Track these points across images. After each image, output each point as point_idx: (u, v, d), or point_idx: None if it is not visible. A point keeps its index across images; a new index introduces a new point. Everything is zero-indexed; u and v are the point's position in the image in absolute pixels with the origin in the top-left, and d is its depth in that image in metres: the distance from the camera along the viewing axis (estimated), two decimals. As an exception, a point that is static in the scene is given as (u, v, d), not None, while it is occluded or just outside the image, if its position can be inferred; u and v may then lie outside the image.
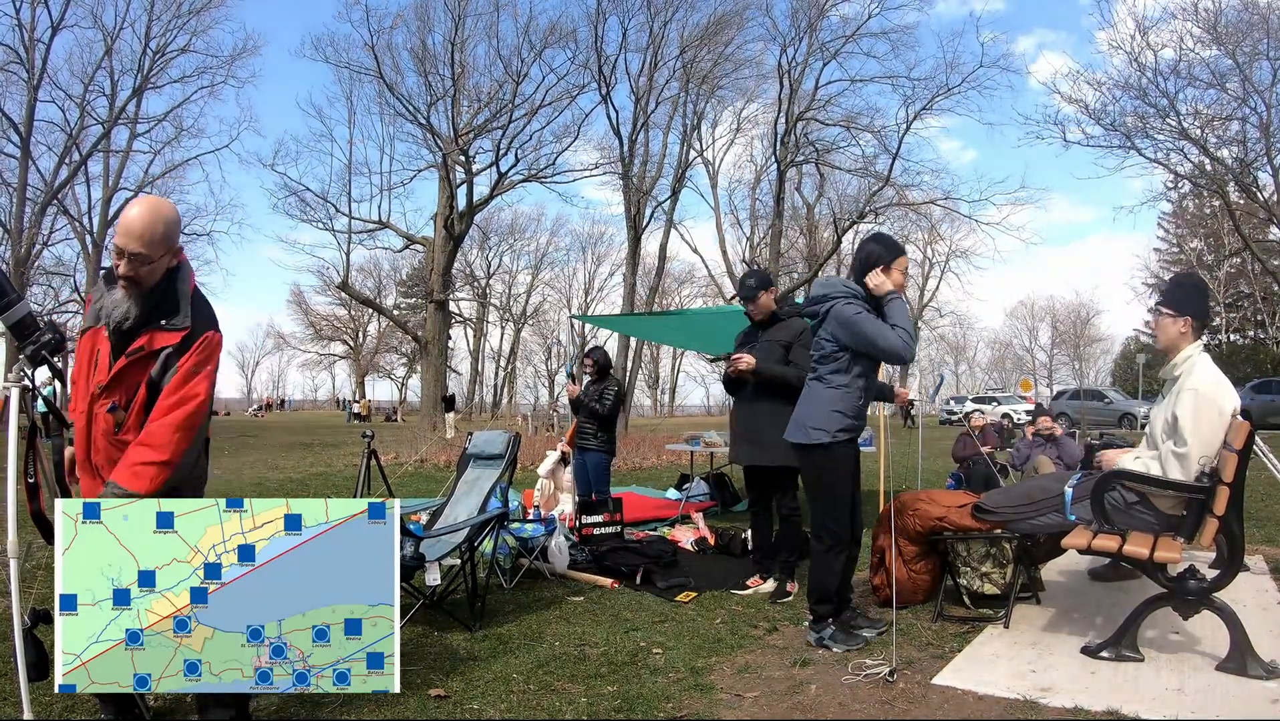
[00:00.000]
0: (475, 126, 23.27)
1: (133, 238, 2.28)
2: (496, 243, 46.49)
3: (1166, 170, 21.27)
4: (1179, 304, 3.43)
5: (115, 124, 26.10)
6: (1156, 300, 3.60)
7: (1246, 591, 4.02)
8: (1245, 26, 18.76)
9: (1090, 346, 54.62)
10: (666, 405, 57.80)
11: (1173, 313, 3.42)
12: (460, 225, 23.50)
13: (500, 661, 3.28)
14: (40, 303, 30.60)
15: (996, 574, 3.83)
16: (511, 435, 4.63)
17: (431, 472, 11.64)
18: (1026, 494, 3.84)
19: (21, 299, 2.26)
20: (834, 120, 25.23)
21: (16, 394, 2.21)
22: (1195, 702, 2.72)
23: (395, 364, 56.13)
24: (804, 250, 32.00)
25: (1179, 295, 3.51)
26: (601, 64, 23.81)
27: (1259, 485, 7.49)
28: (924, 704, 2.79)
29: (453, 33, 22.56)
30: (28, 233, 24.63)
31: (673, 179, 27.20)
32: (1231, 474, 3.05)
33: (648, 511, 7.05)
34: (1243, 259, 33.64)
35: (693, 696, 2.90)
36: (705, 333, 8.10)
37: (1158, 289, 36.94)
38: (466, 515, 4.21)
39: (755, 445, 4.37)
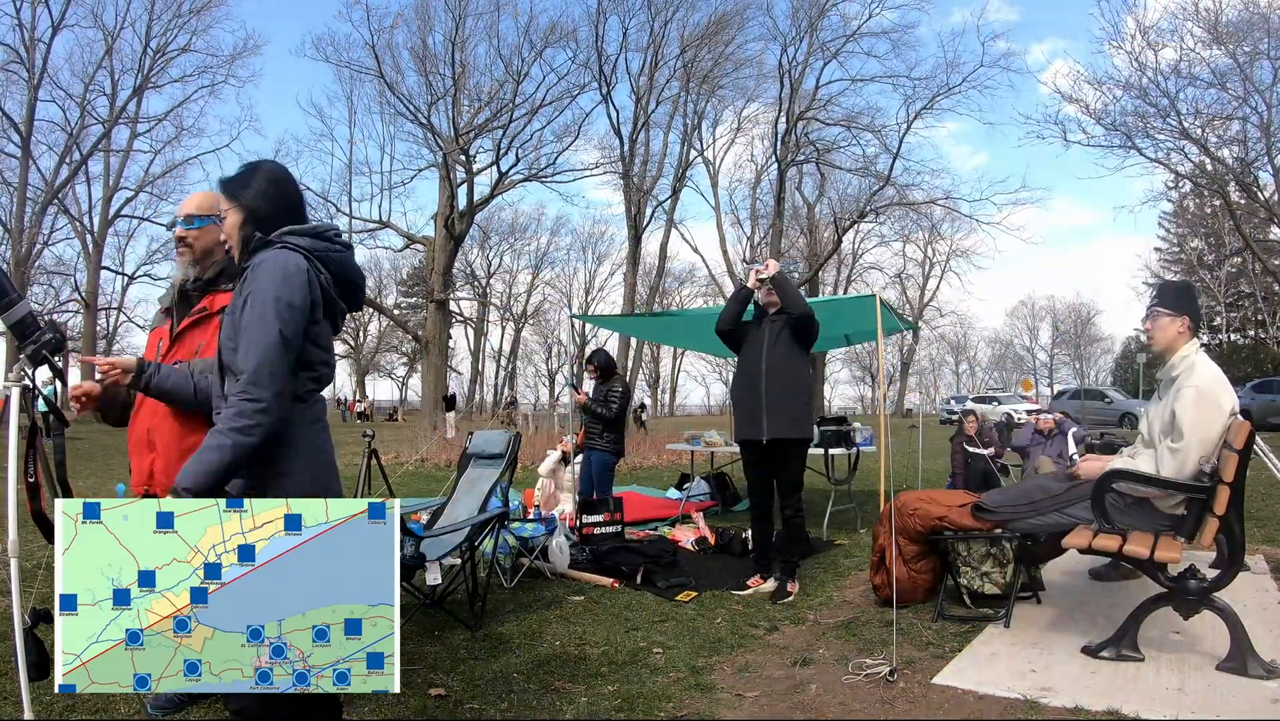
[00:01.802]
0: (476, 126, 23.28)
1: (190, 204, 2.60)
2: (497, 242, 46.59)
3: (1167, 170, 21.29)
4: (1177, 304, 3.46)
5: (116, 123, 26.14)
6: (1151, 302, 3.62)
7: (1247, 591, 4.02)
8: (1246, 26, 18.76)
9: (1091, 346, 54.69)
10: (667, 405, 57.81)
11: (1171, 312, 3.43)
12: (461, 225, 23.50)
13: (500, 661, 3.28)
14: (40, 302, 30.60)
15: (997, 573, 3.83)
16: (512, 435, 4.63)
17: (432, 472, 11.65)
18: (1026, 494, 3.84)
19: (22, 298, 2.26)
20: (834, 120, 25.25)
21: (17, 394, 2.21)
22: (1195, 702, 2.71)
23: (396, 363, 56.21)
24: (804, 250, 31.99)
25: (1175, 296, 3.54)
26: (602, 63, 23.83)
27: (1259, 485, 7.49)
28: (924, 703, 2.79)
29: (453, 32, 22.58)
30: (28, 232, 24.65)
31: (673, 178, 27.22)
32: (1232, 473, 3.05)
33: (648, 511, 7.06)
34: (1243, 259, 33.62)
35: (693, 696, 2.91)
36: (706, 333, 8.09)
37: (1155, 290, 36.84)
38: (467, 514, 4.21)
39: (780, 417, 4.33)
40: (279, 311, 1.84)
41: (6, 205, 25.84)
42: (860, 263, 40.84)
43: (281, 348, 1.83)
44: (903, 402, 48.27)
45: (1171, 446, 3.23)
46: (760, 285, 4.50)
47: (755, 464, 4.57)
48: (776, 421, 4.34)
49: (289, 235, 1.98)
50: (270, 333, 1.83)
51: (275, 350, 1.82)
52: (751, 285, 4.54)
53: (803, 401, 4.47)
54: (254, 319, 1.84)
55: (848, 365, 53.13)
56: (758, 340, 4.52)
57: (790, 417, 4.35)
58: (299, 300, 1.88)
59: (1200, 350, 3.40)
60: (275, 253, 1.93)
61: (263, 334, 1.83)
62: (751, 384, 4.46)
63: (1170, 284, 4.11)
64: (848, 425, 6.91)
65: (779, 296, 4.46)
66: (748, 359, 4.54)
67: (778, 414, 4.34)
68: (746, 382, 4.52)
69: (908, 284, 45.13)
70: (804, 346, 4.51)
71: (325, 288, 1.99)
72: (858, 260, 40.66)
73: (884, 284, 41.01)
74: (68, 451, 2.45)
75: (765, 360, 4.43)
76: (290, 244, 1.96)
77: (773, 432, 4.35)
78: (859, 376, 55.82)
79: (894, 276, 42.83)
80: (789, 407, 4.36)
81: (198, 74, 26.73)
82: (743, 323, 4.66)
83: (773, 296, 4.50)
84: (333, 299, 2.03)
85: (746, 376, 4.53)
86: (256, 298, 1.86)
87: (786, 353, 4.44)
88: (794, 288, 4.57)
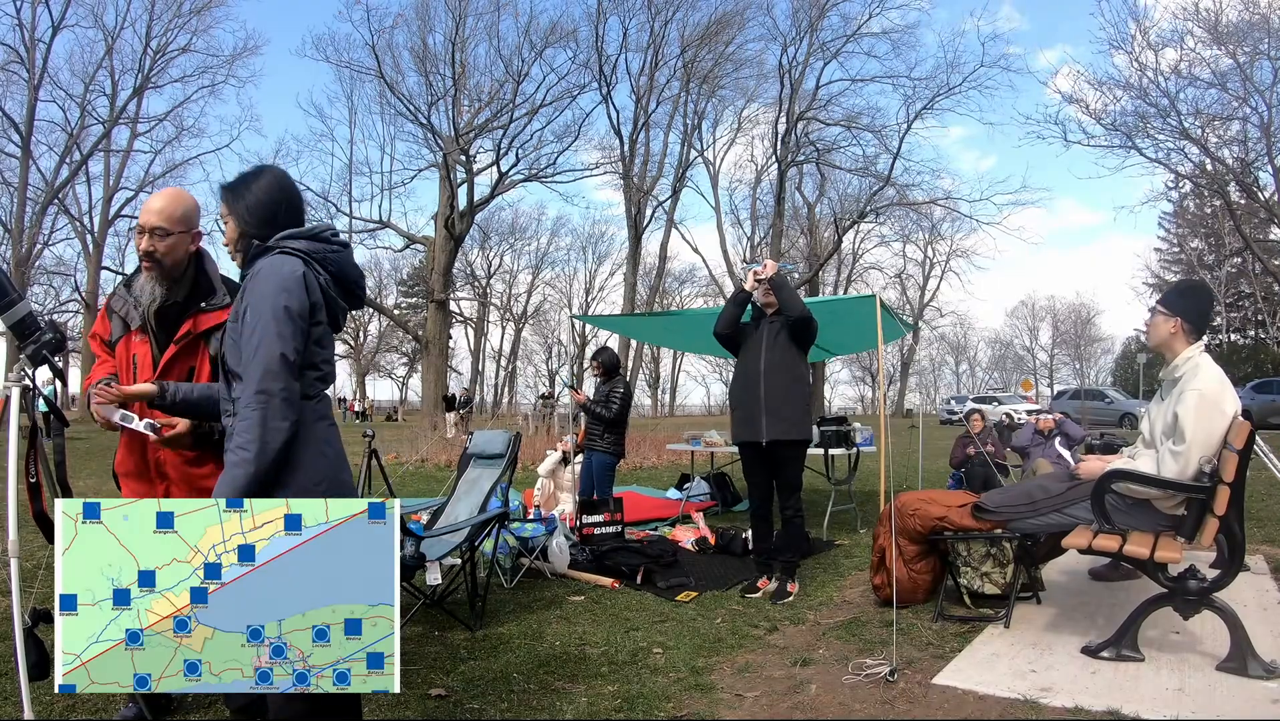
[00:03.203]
0: (476, 126, 23.30)
1: (152, 212, 2.41)
2: (497, 242, 46.61)
3: (1167, 170, 21.30)
4: (1172, 304, 3.48)
5: (116, 123, 26.15)
6: (1156, 299, 3.65)
7: (1247, 591, 4.02)
8: (1246, 26, 18.77)
9: (1091, 346, 54.66)
10: (667, 405, 57.81)
11: (1166, 312, 3.46)
12: (461, 225, 23.51)
13: (500, 661, 3.28)
14: (41, 302, 30.65)
15: (997, 573, 3.83)
16: (512, 435, 4.63)
17: (432, 472, 11.65)
18: (1026, 494, 3.84)
19: (22, 298, 2.26)
20: (835, 120, 25.27)
21: (17, 394, 2.21)
22: (1196, 702, 2.71)
23: (396, 363, 56.20)
24: (805, 250, 32.00)
25: (1174, 296, 3.56)
26: (602, 63, 23.85)
27: (1259, 485, 7.49)
28: (924, 703, 2.79)
29: (453, 32, 22.60)
30: (28, 232, 24.65)
31: (673, 178, 27.24)
32: (1232, 474, 3.05)
33: (648, 511, 7.06)
34: (1243, 259, 33.63)
35: (693, 696, 2.90)
36: (705, 334, 8.08)
37: (1158, 289, 36.94)
38: (467, 514, 4.21)
39: (778, 418, 4.31)
40: (278, 317, 1.86)
41: (6, 205, 25.87)
42: (860, 263, 40.89)
43: (283, 352, 1.86)
44: (903, 403, 48.28)
45: (1173, 449, 3.22)
46: (759, 285, 4.48)
47: (754, 466, 4.55)
48: (775, 423, 4.32)
49: (286, 240, 2.00)
50: (271, 338, 1.85)
51: (278, 356, 1.85)
52: (749, 287, 4.52)
53: (801, 403, 4.44)
54: (255, 326, 1.87)
55: (848, 365, 53.12)
56: (756, 341, 4.50)
57: (789, 419, 4.33)
58: (296, 305, 1.90)
59: (1204, 352, 3.40)
60: (273, 259, 1.96)
61: (265, 340, 1.85)
62: (750, 385, 4.44)
63: (1177, 283, 4.13)
64: (848, 425, 6.91)
65: (776, 298, 4.46)
66: (746, 360, 4.52)
67: (776, 416, 4.33)
68: (744, 384, 4.50)
69: (908, 284, 45.19)
70: (802, 348, 4.50)
71: (325, 289, 2.01)
72: (858, 260, 40.69)
73: (884, 284, 41.08)
74: (68, 451, 2.45)
75: (764, 361, 4.41)
76: (288, 249, 1.98)
77: (771, 434, 4.33)
78: (859, 376, 55.84)
79: (894, 276, 42.91)
80: (787, 409, 4.34)
81: (198, 74, 26.76)
82: (741, 324, 4.65)
83: (770, 297, 4.49)
84: (333, 299, 2.04)
85: (744, 378, 4.51)
86: (256, 306, 1.89)
87: (785, 354, 4.42)
88: (792, 289, 4.56)
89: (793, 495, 4.45)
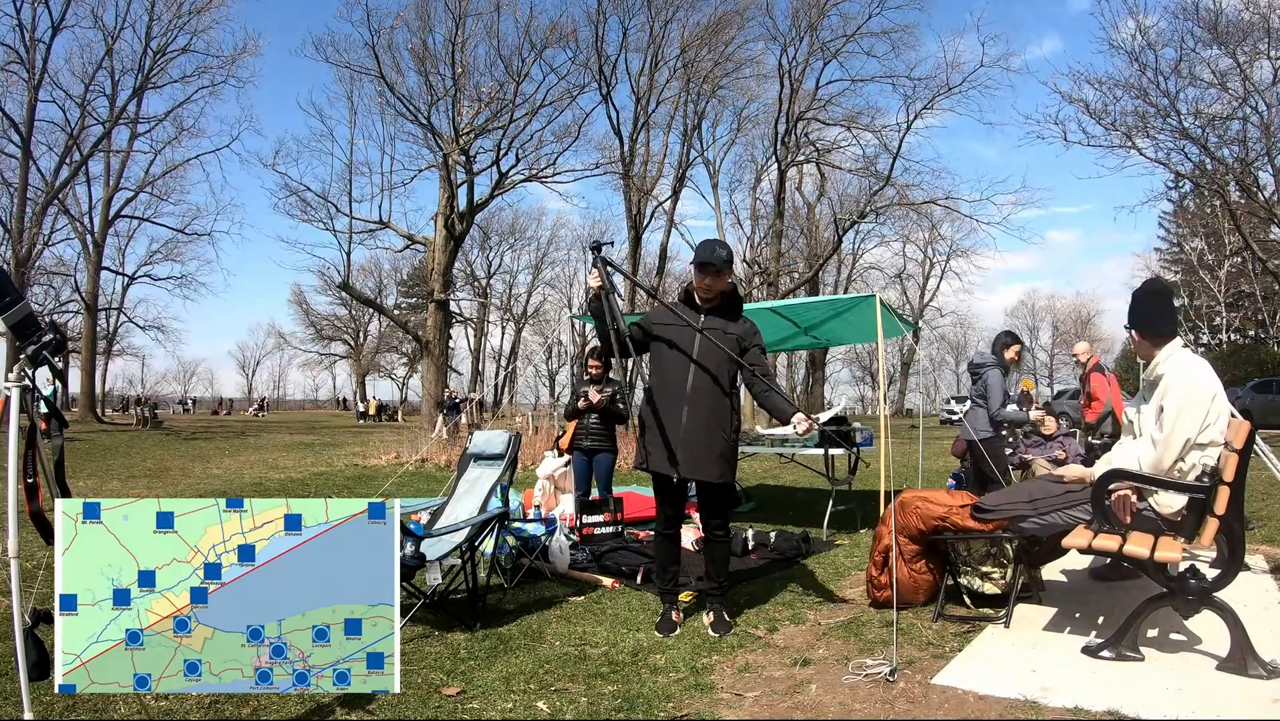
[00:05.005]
0: (476, 126, 23.29)
1: None
2: (497, 242, 46.69)
3: (1167, 169, 21.30)
4: (1130, 319, 3.57)
5: (116, 124, 26.15)
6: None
7: (1247, 591, 4.02)
8: (1246, 26, 18.77)
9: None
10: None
11: (1127, 327, 3.58)
12: (461, 225, 23.52)
13: (500, 661, 3.28)
14: (40, 302, 30.62)
15: (997, 573, 3.83)
16: (512, 435, 4.63)
17: (432, 472, 11.65)
18: (1027, 494, 3.84)
19: (22, 299, 2.27)
20: (834, 120, 25.28)
21: (17, 394, 2.21)
22: (1196, 702, 2.71)
23: (396, 363, 56.19)
24: (804, 250, 32.00)
25: (1129, 311, 3.61)
26: (602, 64, 23.85)
27: (1259, 485, 7.49)
28: (924, 703, 2.79)
29: (453, 32, 22.59)
30: (28, 232, 24.63)
31: (673, 179, 27.23)
32: (1232, 473, 3.05)
33: (648, 511, 7.04)
34: (1243, 258, 33.61)
35: (693, 696, 2.90)
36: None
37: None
38: (467, 515, 4.21)
39: (697, 457, 3.55)
40: None
41: (6, 205, 25.83)
42: (860, 263, 40.90)
43: None
44: (903, 403, 48.26)
45: (1155, 436, 3.26)
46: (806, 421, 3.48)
47: (668, 494, 3.76)
48: (696, 458, 3.53)
49: None
50: None
51: None
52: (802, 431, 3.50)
53: (730, 437, 3.63)
54: None
55: (848, 365, 53.14)
56: (685, 343, 3.60)
57: (715, 454, 3.54)
58: None
59: (1182, 348, 3.44)
60: None
61: None
62: (671, 403, 3.58)
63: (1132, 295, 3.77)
64: (847, 425, 6.91)
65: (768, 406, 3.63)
66: (668, 367, 3.64)
67: (698, 449, 3.52)
68: (662, 399, 3.62)
69: (908, 284, 45.17)
70: (737, 369, 3.63)
71: None
72: (858, 260, 40.70)
73: (884, 284, 41.07)
74: (67, 451, 2.45)
75: (691, 375, 3.56)
76: None
77: (689, 471, 3.55)
78: (859, 376, 55.80)
79: (894, 276, 42.88)
80: (714, 441, 3.54)
81: (198, 74, 26.74)
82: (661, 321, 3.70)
83: (706, 282, 3.60)
84: None
85: (663, 390, 3.63)
86: None
87: (719, 369, 3.57)
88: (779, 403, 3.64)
89: (719, 514, 3.79)
